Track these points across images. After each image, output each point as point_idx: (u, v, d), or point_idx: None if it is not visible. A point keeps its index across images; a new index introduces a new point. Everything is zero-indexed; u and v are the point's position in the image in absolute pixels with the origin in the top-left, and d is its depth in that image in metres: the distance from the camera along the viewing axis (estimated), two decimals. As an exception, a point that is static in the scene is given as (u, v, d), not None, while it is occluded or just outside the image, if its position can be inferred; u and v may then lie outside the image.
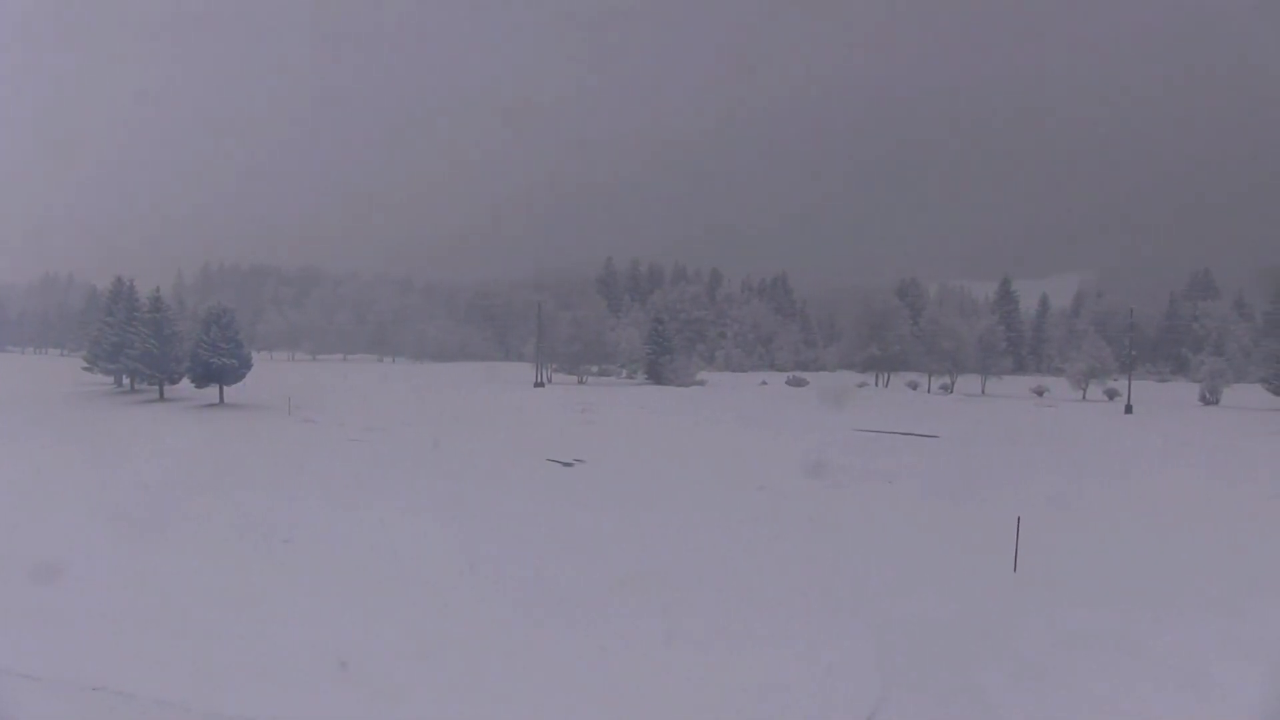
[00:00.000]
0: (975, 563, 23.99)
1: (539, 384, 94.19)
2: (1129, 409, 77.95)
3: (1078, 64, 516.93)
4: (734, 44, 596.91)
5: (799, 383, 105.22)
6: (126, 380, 73.08)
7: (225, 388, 65.68)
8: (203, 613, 18.04)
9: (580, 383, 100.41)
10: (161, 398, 67.42)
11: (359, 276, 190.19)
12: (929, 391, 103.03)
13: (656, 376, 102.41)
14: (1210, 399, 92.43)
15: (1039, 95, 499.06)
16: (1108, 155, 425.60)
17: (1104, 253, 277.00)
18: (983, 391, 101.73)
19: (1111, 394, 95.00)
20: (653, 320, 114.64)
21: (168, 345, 66.53)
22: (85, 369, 77.66)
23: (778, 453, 44.75)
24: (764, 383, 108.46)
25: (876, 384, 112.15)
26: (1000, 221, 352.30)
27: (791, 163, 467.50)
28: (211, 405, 63.51)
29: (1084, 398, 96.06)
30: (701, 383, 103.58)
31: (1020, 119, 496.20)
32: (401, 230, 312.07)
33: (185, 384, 67.48)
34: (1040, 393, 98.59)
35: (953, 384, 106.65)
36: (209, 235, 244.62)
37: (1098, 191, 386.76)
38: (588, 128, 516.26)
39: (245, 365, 66.55)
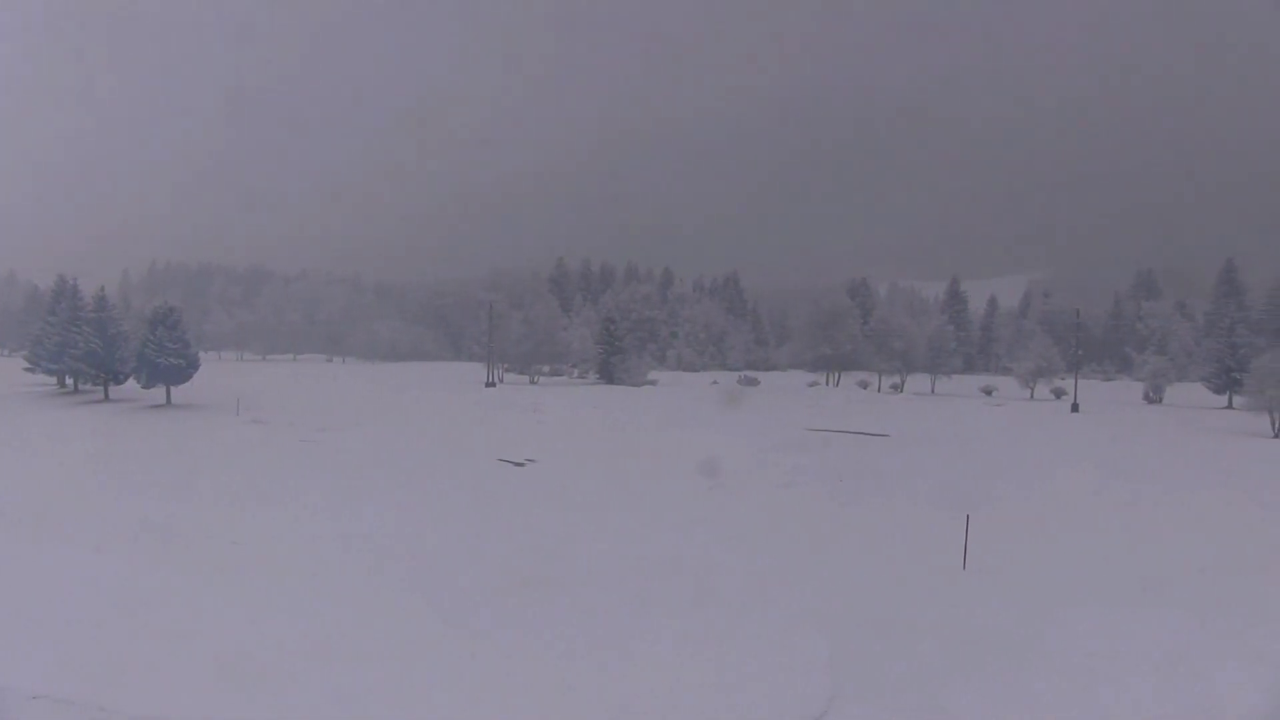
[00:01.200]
0: (928, 560, 24.23)
1: (490, 384, 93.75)
2: (1075, 408, 78.88)
3: (1026, 67, 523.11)
4: (687, 43, 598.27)
5: (750, 382, 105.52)
6: (70, 381, 71.82)
7: (172, 388, 64.76)
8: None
9: (532, 382, 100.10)
10: (106, 398, 66.35)
11: (309, 276, 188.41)
12: (879, 391, 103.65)
13: (608, 376, 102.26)
14: (1154, 397, 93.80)
15: (988, 98, 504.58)
16: (1054, 158, 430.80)
17: (1051, 254, 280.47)
18: (932, 391, 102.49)
19: (1059, 393, 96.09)
20: (604, 320, 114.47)
21: (112, 345, 65.53)
22: (27, 369, 76.11)
23: (730, 452, 44.74)
24: (715, 382, 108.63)
25: (827, 383, 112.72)
26: (949, 223, 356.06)
27: (743, 163, 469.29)
28: (158, 406, 62.60)
29: (1032, 396, 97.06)
30: (653, 382, 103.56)
31: (968, 122, 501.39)
32: (352, 229, 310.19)
33: (132, 385, 66.47)
34: (989, 392, 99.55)
35: (903, 383, 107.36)
36: (155, 234, 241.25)
37: (1045, 194, 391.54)
38: (539, 127, 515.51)
39: (193, 365, 65.67)
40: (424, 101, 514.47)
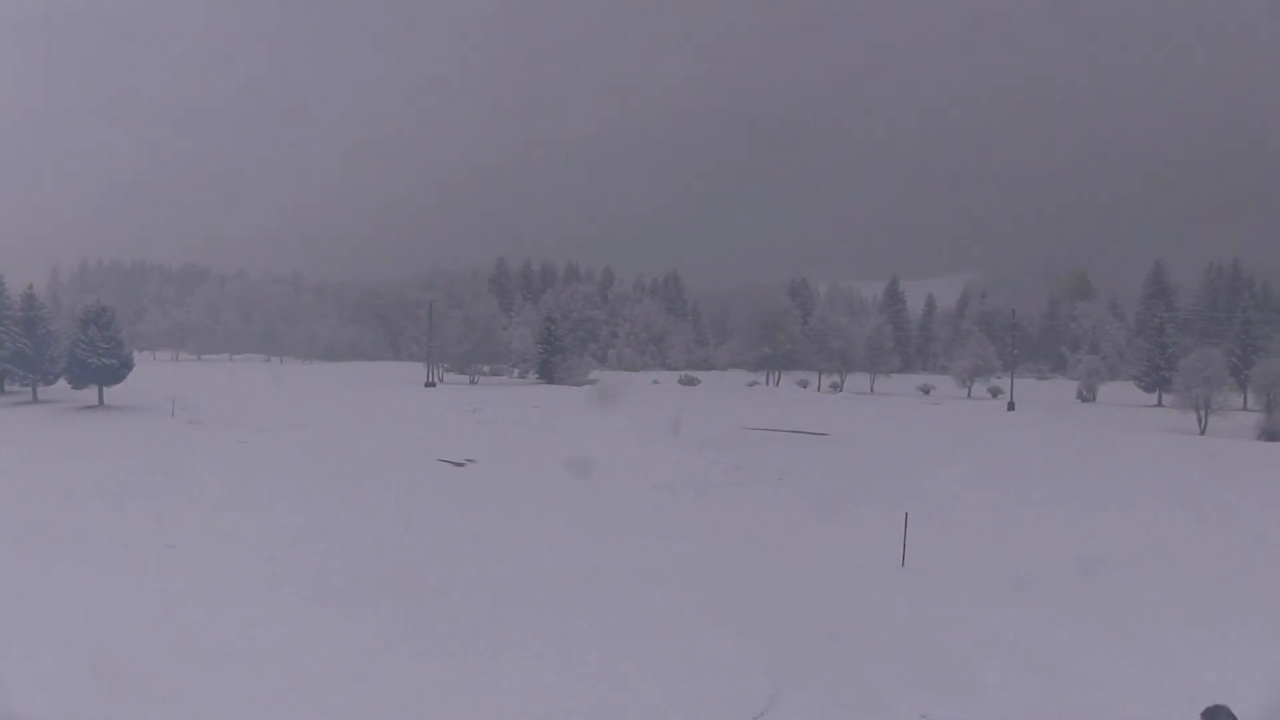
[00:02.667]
0: (867, 557, 24.54)
1: (430, 384, 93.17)
2: (1011, 406, 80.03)
3: (963, 69, 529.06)
4: (626, 42, 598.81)
5: (691, 382, 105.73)
6: (-2, 382, 70.28)
7: (105, 389, 63.60)
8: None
9: (472, 382, 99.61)
10: (35, 399, 65.00)
11: (246, 275, 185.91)
12: (819, 390, 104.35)
13: (549, 376, 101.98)
14: (1087, 396, 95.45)
15: (926, 99, 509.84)
16: (990, 160, 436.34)
17: (988, 254, 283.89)
18: (871, 390, 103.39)
19: (995, 391, 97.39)
20: (545, 320, 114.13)
21: (42, 345, 64.26)
22: (-48, 370, 74.32)
23: (669, 452, 44.81)
24: (656, 381, 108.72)
25: (768, 382, 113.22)
26: (888, 223, 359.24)
27: (684, 163, 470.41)
28: (89, 407, 61.45)
29: (969, 395, 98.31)
30: (594, 382, 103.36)
31: (907, 123, 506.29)
32: (290, 228, 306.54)
33: (62, 385, 65.16)
34: (927, 390, 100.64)
35: (842, 382, 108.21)
36: (86, 231, 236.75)
37: (982, 195, 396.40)
38: (478, 126, 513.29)
39: (126, 365, 64.53)
40: (361, 101, 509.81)
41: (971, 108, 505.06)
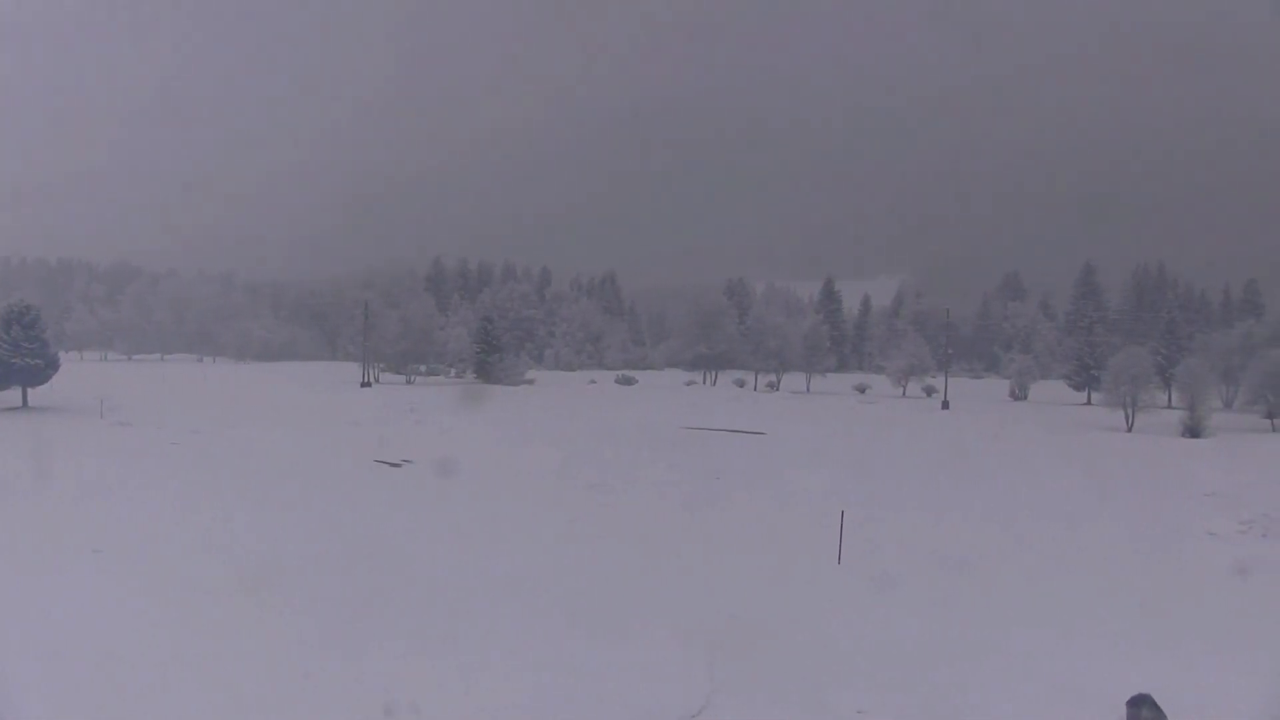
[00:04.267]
0: (801, 556, 24.73)
1: (366, 384, 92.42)
2: (946, 405, 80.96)
3: (893, 73, 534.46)
4: (561, 40, 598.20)
5: (628, 381, 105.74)
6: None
7: (29, 390, 62.20)
8: None
9: (408, 382, 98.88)
10: (-45, 401, 63.44)
11: (178, 273, 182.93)
12: (755, 389, 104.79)
13: (485, 376, 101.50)
14: (1019, 395, 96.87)
15: (861, 101, 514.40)
16: (924, 161, 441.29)
17: (922, 255, 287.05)
18: (807, 389, 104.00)
19: (929, 390, 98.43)
20: (481, 319, 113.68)
21: (-39, 345, 62.62)
22: None
23: (606, 451, 44.83)
24: (593, 381, 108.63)
25: (704, 382, 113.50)
26: (824, 223, 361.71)
27: (620, 161, 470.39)
28: (12, 409, 60.07)
29: (904, 394, 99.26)
30: (530, 382, 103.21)
31: (842, 124, 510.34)
32: (223, 226, 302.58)
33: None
34: (862, 390, 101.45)
35: (778, 382, 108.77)
36: (6, 228, 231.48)
37: (917, 196, 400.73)
38: (413, 123, 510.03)
39: (52, 366, 63.21)
40: (294, 97, 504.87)
41: (904, 110, 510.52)
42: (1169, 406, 72.11)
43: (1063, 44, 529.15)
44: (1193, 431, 59.20)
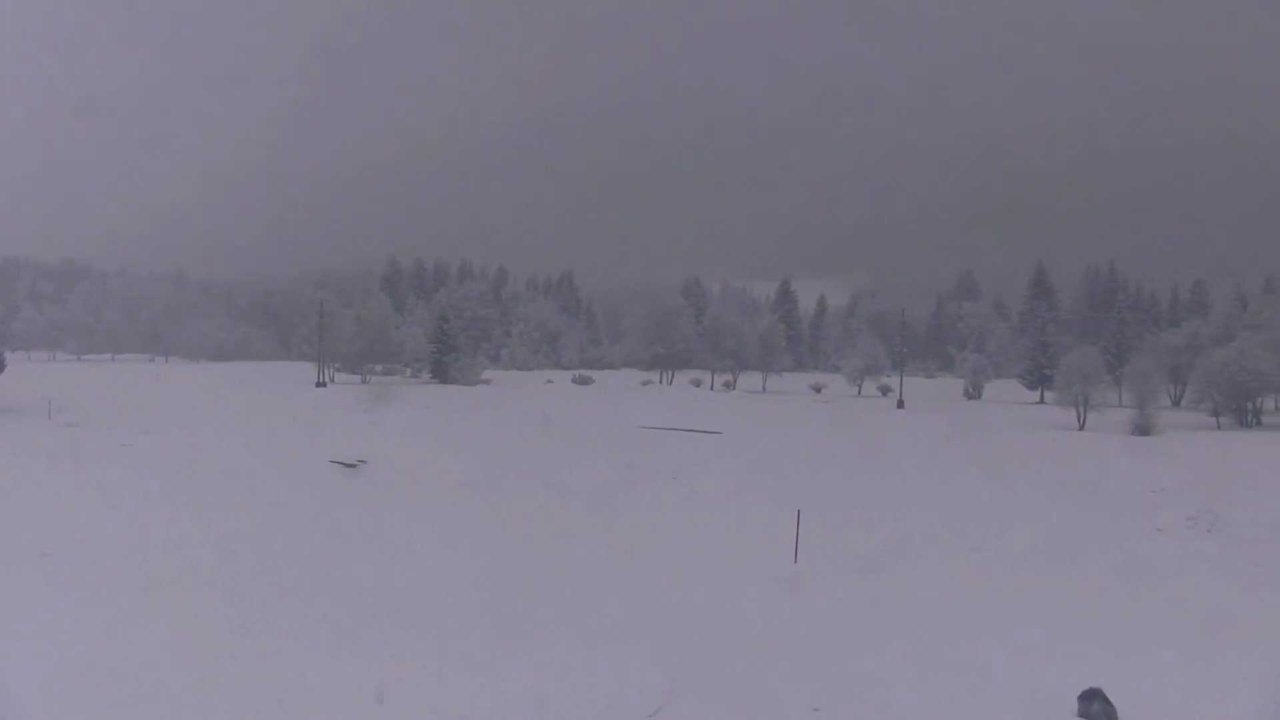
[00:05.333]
0: (754, 555, 24.90)
1: (321, 384, 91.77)
2: (901, 404, 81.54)
3: (846, 73, 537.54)
4: (516, 40, 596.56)
5: (585, 381, 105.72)
6: None
7: (-24, 390, 61.23)
8: None
9: (364, 382, 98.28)
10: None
11: (129, 272, 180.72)
12: (712, 389, 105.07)
13: (441, 376, 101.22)
14: (973, 394, 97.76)
15: (813, 102, 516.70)
16: (879, 161, 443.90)
17: (877, 255, 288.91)
18: (764, 388, 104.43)
19: (885, 390, 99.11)
20: (437, 319, 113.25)
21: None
22: None
23: (558, 450, 44.78)
24: (550, 381, 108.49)
25: (661, 381, 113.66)
26: (780, 223, 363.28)
27: (576, 161, 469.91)
28: (-42, 409, 59.06)
29: (859, 394, 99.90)
30: (487, 381, 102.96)
31: (797, 124, 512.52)
32: (176, 225, 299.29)
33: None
34: (818, 389, 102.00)
35: (735, 381, 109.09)
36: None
37: (871, 196, 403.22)
38: (368, 121, 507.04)
39: (-2, 365, 62.25)
40: (248, 93, 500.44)
41: (859, 110, 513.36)
42: (1119, 405, 72.99)
43: (1015, 43, 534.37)
44: (1142, 430, 60.04)
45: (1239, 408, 69.86)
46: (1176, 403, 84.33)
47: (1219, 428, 67.61)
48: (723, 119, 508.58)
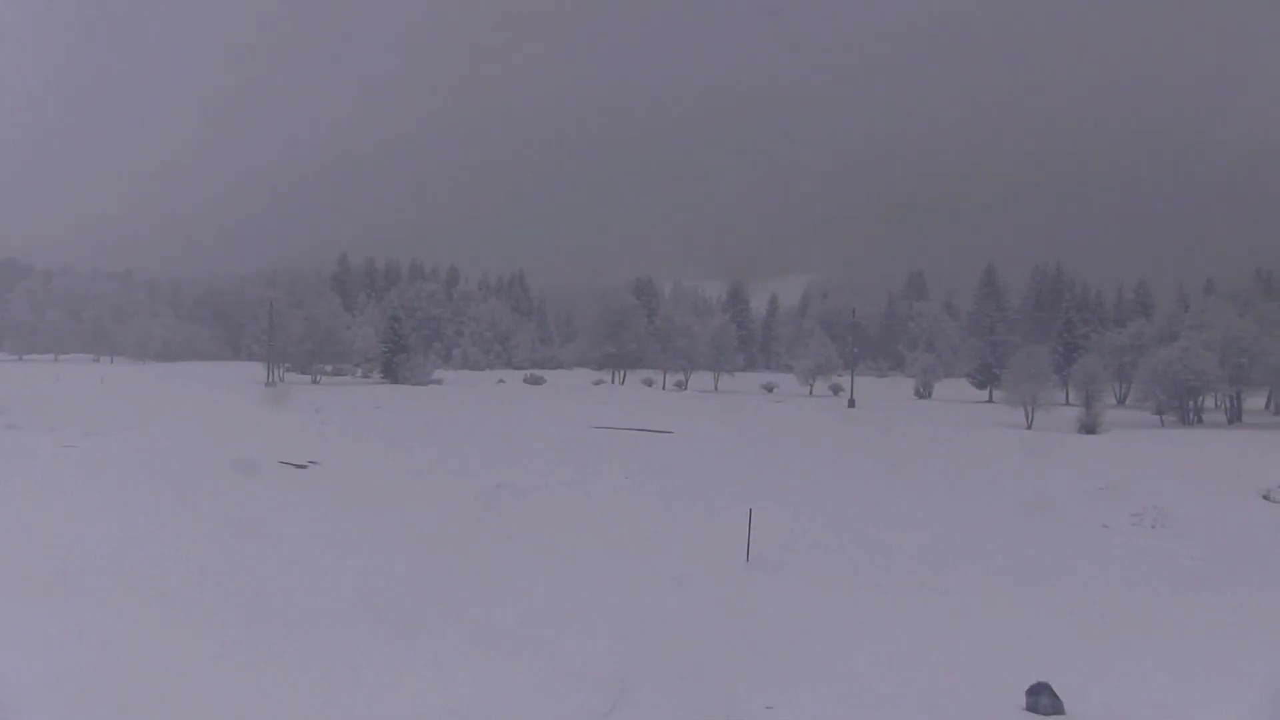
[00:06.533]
0: (716, 551, 25.01)
1: (270, 384, 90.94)
2: (852, 403, 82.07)
3: (795, 72, 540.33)
4: (467, 41, 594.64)
5: (536, 380, 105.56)
6: None
7: (-85, 391, 60.01)
8: None
9: (314, 382, 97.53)
10: None
11: (73, 270, 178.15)
12: (664, 388, 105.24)
13: (393, 375, 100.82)
14: (923, 393, 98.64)
15: (765, 101, 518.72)
16: (832, 162, 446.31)
17: (829, 255, 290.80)
18: (715, 388, 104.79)
19: (836, 389, 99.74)
20: (389, 319, 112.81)
21: None
22: None
23: (515, 450, 44.60)
24: (501, 381, 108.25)
25: (613, 381, 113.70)
26: (732, 223, 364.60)
27: (529, 161, 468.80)
28: (-106, 410, 57.74)
29: (811, 393, 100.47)
30: (438, 381, 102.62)
31: (747, 124, 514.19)
32: (122, 223, 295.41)
33: None
34: (770, 389, 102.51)
35: (686, 381, 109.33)
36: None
37: (823, 197, 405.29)
38: (317, 119, 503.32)
39: (-62, 366, 61.06)
40: (195, 90, 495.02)
41: (810, 111, 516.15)
42: (1066, 404, 74.00)
43: (962, 43, 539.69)
44: (1088, 428, 60.82)
45: (1181, 406, 70.95)
46: (1121, 401, 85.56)
47: (1162, 425, 68.61)
48: (673, 120, 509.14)
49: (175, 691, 14.41)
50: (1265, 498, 34.25)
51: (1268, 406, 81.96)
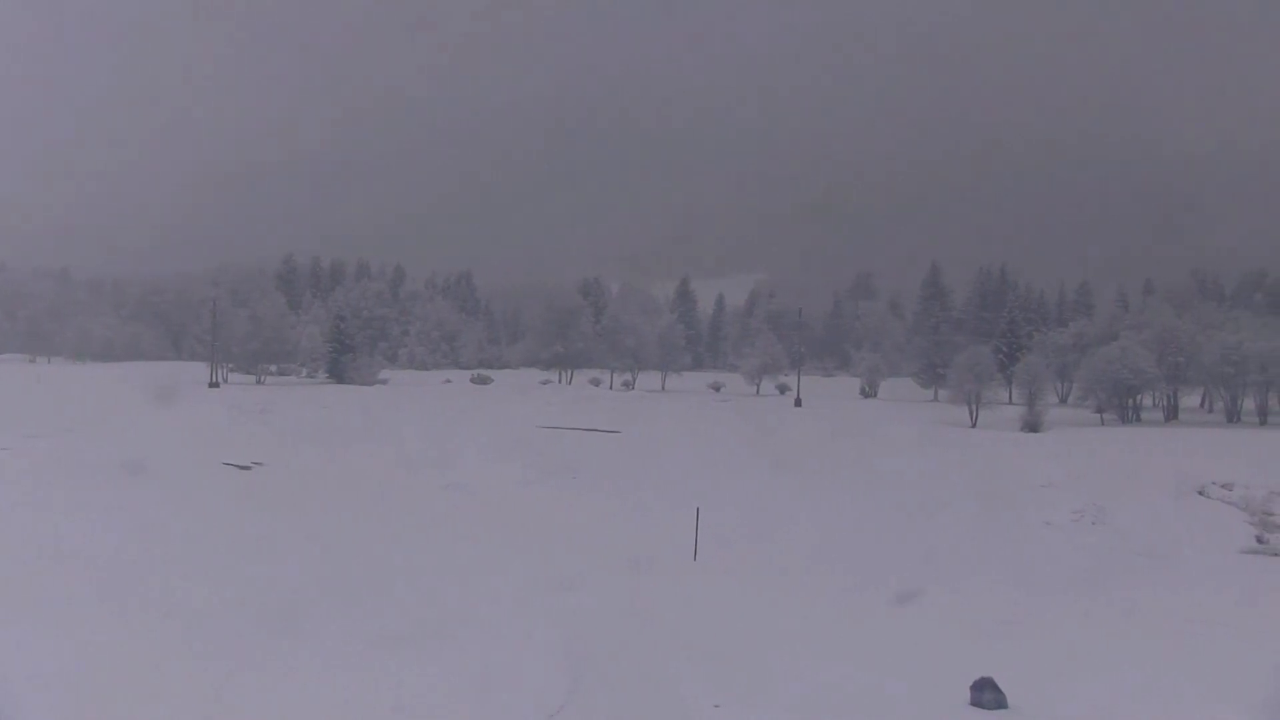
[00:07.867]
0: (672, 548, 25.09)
1: (214, 384, 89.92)
2: (799, 402, 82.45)
3: (745, 72, 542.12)
4: (418, 34, 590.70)
5: (483, 380, 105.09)
6: None
7: None
8: None
9: (259, 383, 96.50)
10: None
11: (8, 268, 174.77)
12: (611, 388, 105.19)
13: (338, 375, 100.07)
14: (869, 392, 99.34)
15: (712, 101, 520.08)
16: (777, 162, 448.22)
17: (775, 255, 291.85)
18: (663, 388, 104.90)
19: (783, 388, 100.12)
20: (334, 318, 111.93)
21: None
22: None
23: (461, 451, 44.47)
24: (448, 381, 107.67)
25: (560, 381, 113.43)
26: (679, 223, 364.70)
27: (475, 160, 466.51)
28: None
29: (758, 392, 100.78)
30: (384, 381, 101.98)
31: (694, 126, 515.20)
32: (59, 220, 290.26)
33: None
34: (717, 388, 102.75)
35: (634, 381, 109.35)
36: None
37: (769, 196, 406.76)
38: (263, 114, 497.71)
39: None
40: (134, 84, 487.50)
41: (755, 110, 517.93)
42: (1010, 403, 74.79)
43: (899, 44, 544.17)
44: (1031, 426, 61.54)
45: (1121, 404, 72.05)
46: (1064, 400, 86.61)
47: (1102, 423, 69.63)
48: (621, 120, 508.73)
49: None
50: (1201, 493, 34.90)
51: (1202, 405, 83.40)
